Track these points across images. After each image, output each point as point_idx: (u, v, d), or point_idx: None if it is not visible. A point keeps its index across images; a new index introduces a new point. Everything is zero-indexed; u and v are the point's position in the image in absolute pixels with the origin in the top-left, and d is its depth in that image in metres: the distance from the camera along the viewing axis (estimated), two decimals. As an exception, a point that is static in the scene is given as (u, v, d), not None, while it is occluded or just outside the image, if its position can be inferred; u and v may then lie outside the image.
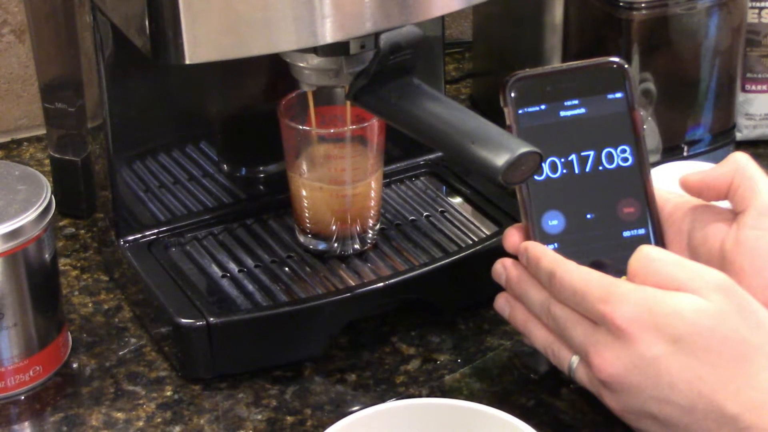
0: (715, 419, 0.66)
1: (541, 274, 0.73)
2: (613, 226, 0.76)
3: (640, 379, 0.68)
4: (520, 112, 0.76)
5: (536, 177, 0.76)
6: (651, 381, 0.68)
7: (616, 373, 0.68)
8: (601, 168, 0.77)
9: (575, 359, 0.72)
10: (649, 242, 0.76)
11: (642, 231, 0.76)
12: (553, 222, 0.76)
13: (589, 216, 0.76)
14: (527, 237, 0.76)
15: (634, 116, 0.77)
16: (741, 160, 0.75)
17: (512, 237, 0.77)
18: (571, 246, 0.75)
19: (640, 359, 0.68)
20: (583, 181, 0.76)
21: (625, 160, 0.77)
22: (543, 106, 0.77)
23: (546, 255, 0.73)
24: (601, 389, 0.71)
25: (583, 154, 0.77)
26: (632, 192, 0.77)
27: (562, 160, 0.76)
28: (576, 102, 0.77)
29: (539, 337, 0.75)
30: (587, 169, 0.77)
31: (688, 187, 0.76)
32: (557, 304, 0.72)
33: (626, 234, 0.76)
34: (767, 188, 0.73)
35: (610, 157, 0.77)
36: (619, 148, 0.77)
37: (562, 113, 0.77)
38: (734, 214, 0.74)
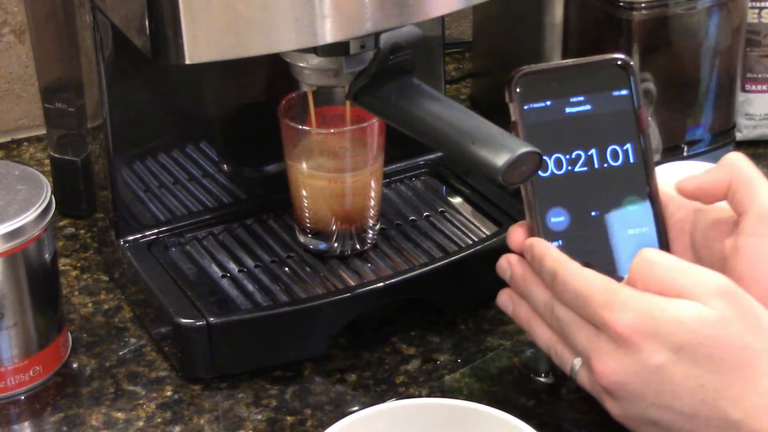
0: (717, 425, 0.66)
1: (544, 273, 0.73)
2: (617, 224, 0.76)
3: (642, 387, 0.67)
4: (525, 107, 0.76)
5: (541, 174, 0.75)
6: (653, 389, 0.67)
7: (617, 380, 0.68)
8: (606, 165, 0.76)
9: (578, 362, 0.72)
10: (653, 241, 0.76)
11: (646, 229, 0.76)
12: (558, 219, 0.76)
13: (593, 213, 0.76)
14: (531, 234, 0.76)
15: (639, 114, 0.77)
16: (737, 161, 0.73)
17: (517, 234, 0.76)
18: (575, 243, 0.75)
19: (642, 367, 0.67)
20: (587, 179, 0.76)
21: (630, 157, 0.76)
22: (548, 102, 0.76)
23: (550, 254, 0.73)
24: (602, 395, 0.70)
25: (588, 151, 0.76)
26: (637, 190, 0.77)
27: (567, 156, 0.76)
28: (581, 99, 0.76)
29: (542, 336, 0.74)
30: (592, 167, 0.76)
31: (685, 194, 0.75)
32: (561, 305, 0.72)
33: (630, 232, 0.76)
34: (765, 191, 0.72)
35: (615, 155, 0.76)
36: (624, 146, 0.76)
37: (568, 110, 0.76)
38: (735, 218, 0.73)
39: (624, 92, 0.77)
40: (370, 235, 0.91)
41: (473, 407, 0.70)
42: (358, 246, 0.90)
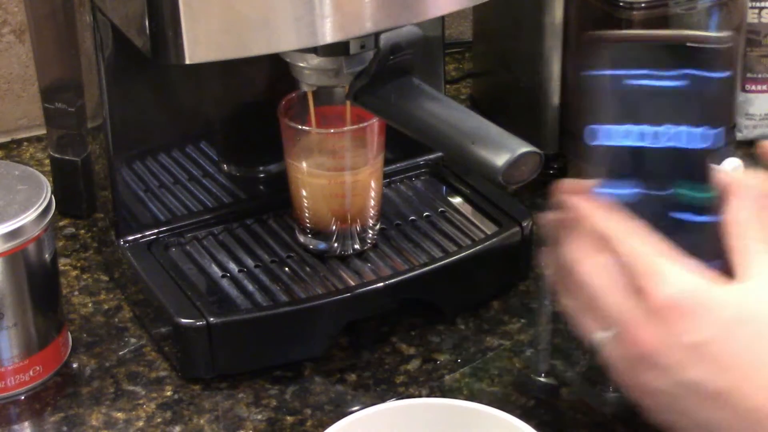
0: (735, 410, 0.66)
1: (595, 230, 0.70)
2: (671, 206, 0.73)
3: (670, 361, 0.67)
4: (610, 73, 0.73)
5: (608, 141, 0.73)
6: (681, 364, 0.67)
7: (648, 349, 0.67)
8: (672, 144, 0.73)
9: (605, 330, 0.70)
10: (702, 230, 0.73)
11: (701, 218, 0.74)
12: (613, 189, 0.73)
13: (649, 191, 0.73)
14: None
15: (726, 99, 0.73)
16: None
17: (569, 189, 0.73)
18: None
19: (674, 341, 0.66)
20: (653, 155, 0.73)
21: (702, 141, 0.73)
22: (633, 71, 0.73)
23: (598, 214, 0.70)
24: (629, 364, 0.68)
25: (660, 127, 0.73)
26: (698, 176, 0.74)
27: (639, 129, 0.73)
28: (670, 73, 0.73)
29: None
30: (660, 143, 0.73)
31: (765, 154, 0.74)
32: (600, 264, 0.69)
33: (682, 216, 0.73)
34: None
35: (687, 136, 0.73)
36: (700, 129, 0.73)
37: (653, 82, 0.73)
38: None
39: (719, 75, 0.73)
40: (370, 235, 0.91)
41: (473, 407, 0.70)
42: (358, 246, 0.90)
